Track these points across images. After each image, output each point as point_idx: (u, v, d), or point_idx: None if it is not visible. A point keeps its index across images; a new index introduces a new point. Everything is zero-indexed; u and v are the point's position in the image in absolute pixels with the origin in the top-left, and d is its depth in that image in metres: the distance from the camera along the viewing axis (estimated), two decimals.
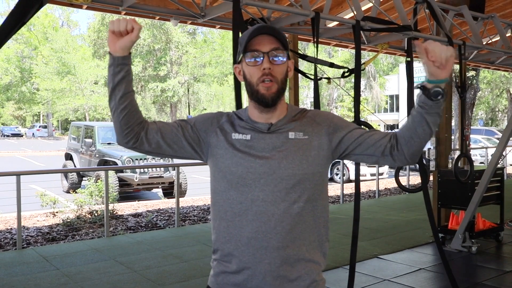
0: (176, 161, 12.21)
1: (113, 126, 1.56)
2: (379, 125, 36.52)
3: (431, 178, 6.65)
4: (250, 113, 1.53)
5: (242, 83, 1.55)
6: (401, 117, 36.59)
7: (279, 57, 1.46)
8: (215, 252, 1.66)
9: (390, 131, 1.57)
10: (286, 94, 1.78)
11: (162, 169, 10.81)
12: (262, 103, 1.46)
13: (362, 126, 1.70)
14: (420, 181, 4.48)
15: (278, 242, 1.44)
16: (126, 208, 8.70)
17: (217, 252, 1.64)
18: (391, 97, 43.50)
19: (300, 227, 1.46)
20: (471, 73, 14.11)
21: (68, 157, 13.03)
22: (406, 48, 4.60)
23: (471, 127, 24.63)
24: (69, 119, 38.69)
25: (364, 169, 13.20)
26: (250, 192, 1.46)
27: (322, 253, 1.54)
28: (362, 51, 4.92)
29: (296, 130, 1.50)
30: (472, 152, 15.26)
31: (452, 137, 6.28)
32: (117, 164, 10.63)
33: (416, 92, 1.47)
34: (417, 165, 4.41)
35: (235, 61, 1.62)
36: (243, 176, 1.47)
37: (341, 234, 5.92)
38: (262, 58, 1.44)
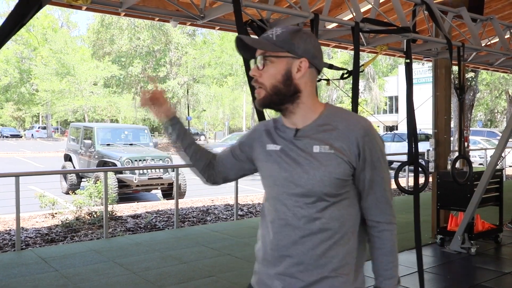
0: (175, 162, 12.21)
1: (112, 127, 1.63)
2: (378, 126, 36.55)
3: (430, 179, 6.66)
4: (282, 117, 1.52)
5: None
6: (400, 119, 36.60)
7: (261, 63, 1.42)
8: None
9: (378, 222, 1.46)
10: None
11: (161, 170, 10.81)
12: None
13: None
14: (420, 182, 4.48)
15: (298, 258, 1.41)
16: (125, 209, 8.69)
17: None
18: (390, 98, 43.54)
19: (323, 245, 1.41)
20: (470, 75, 14.13)
21: (67, 158, 13.02)
22: (405, 50, 4.61)
23: (472, 129, 24.68)
24: (68, 120, 38.70)
25: None
26: (276, 204, 1.48)
27: (352, 276, 1.47)
28: (361, 53, 4.93)
29: (321, 144, 1.40)
30: (471, 153, 15.27)
31: (452, 139, 6.28)
32: (116, 165, 10.62)
33: (416, 93, 1.48)
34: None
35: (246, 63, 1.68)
36: (271, 187, 1.50)
37: None
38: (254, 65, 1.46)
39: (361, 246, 1.49)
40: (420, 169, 4.40)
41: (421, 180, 4.64)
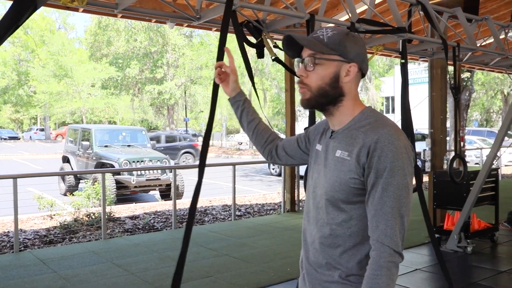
0: (173, 163, 12.22)
1: (110, 129, 1.64)
2: None
3: (426, 179, 6.69)
4: None
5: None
6: (396, 119, 36.62)
7: (310, 64, 1.41)
8: None
9: (372, 240, 1.33)
10: (283, 95, 1.83)
11: (159, 171, 10.82)
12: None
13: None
14: (414, 182, 4.50)
15: (313, 257, 1.48)
16: (123, 211, 8.70)
17: None
18: (387, 98, 43.57)
19: (333, 250, 1.42)
20: (465, 75, 14.18)
21: (65, 160, 13.02)
22: (401, 50, 4.64)
23: (472, 128, 24.73)
24: (66, 122, 38.65)
25: None
26: (307, 202, 1.56)
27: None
28: None
29: (343, 149, 1.40)
30: (467, 153, 15.32)
31: (448, 138, 6.31)
32: (114, 167, 10.62)
33: (412, 93, 1.50)
34: None
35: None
36: (308, 186, 1.57)
37: None
38: (299, 66, 1.47)
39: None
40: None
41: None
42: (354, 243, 1.38)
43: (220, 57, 1.87)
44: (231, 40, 6.94)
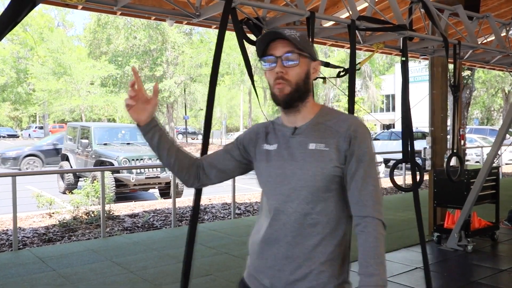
0: None
1: (109, 127, 1.62)
2: (375, 124, 36.62)
3: (427, 177, 6.67)
4: (282, 117, 1.60)
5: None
6: (397, 117, 36.66)
7: (292, 61, 1.48)
8: None
9: (362, 217, 1.46)
10: None
11: (158, 169, 10.79)
12: (277, 103, 1.52)
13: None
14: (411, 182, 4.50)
15: (288, 251, 1.48)
16: (122, 209, 8.69)
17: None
18: (387, 96, 43.57)
19: (313, 239, 1.47)
20: (466, 73, 14.16)
21: (64, 157, 13.00)
22: (401, 48, 4.62)
23: (473, 127, 24.72)
24: (66, 120, 38.59)
25: None
26: (270, 200, 1.54)
27: (338, 270, 1.51)
28: (358, 51, 4.93)
29: (317, 141, 1.49)
30: (468, 151, 15.30)
31: (448, 137, 6.30)
32: (113, 165, 10.60)
33: (412, 91, 1.51)
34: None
35: (216, 63, 1.69)
36: (266, 184, 1.56)
37: None
38: (275, 63, 1.48)
39: (347, 243, 1.54)
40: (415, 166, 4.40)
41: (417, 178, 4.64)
42: (331, 229, 1.48)
43: (217, 55, 1.83)
44: (231, 37, 6.92)
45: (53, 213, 7.72)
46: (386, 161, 16.59)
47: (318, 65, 1.56)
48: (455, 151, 5.31)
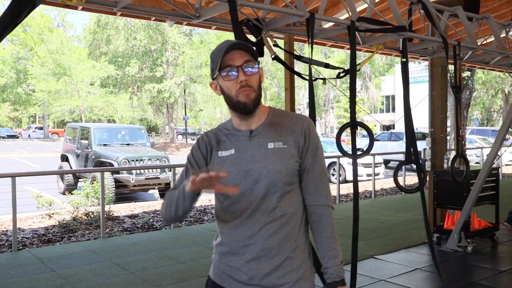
0: (172, 162, 12.20)
1: (109, 127, 1.62)
2: (375, 125, 36.61)
3: (427, 178, 6.66)
4: (234, 122, 1.67)
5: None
6: (397, 118, 36.66)
7: (252, 68, 1.58)
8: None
9: (317, 206, 1.66)
10: (283, 94, 1.82)
11: (158, 170, 10.80)
12: (244, 111, 1.59)
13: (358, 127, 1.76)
14: (416, 181, 4.49)
15: (264, 244, 1.58)
16: (122, 210, 8.69)
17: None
18: (387, 97, 43.59)
19: (283, 229, 1.60)
20: (466, 74, 14.16)
21: (64, 158, 12.99)
22: (401, 49, 4.62)
23: (474, 128, 24.72)
24: (65, 121, 38.58)
25: (361, 170, 13.21)
26: (238, 202, 1.60)
27: (305, 254, 1.67)
28: (358, 52, 4.92)
29: (275, 140, 1.61)
30: (467, 152, 15.30)
31: (448, 138, 6.30)
32: (113, 166, 10.60)
33: (412, 92, 1.52)
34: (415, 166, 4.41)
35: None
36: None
37: (339, 235, 5.93)
38: (237, 73, 1.56)
39: (307, 228, 1.70)
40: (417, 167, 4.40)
41: (415, 179, 4.64)
42: (297, 218, 1.63)
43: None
44: (230, 38, 6.90)
45: (52, 213, 7.71)
46: (386, 162, 16.59)
47: (262, 71, 1.65)
48: (459, 152, 5.30)
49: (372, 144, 3.92)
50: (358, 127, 3.82)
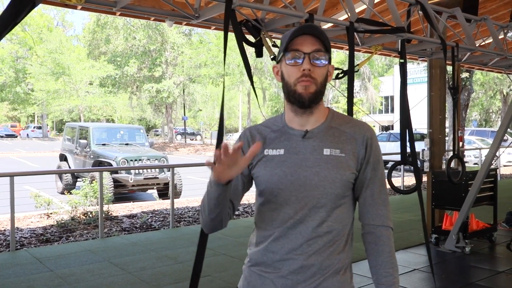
0: (171, 162, 12.20)
1: (107, 127, 1.57)
2: (374, 126, 36.62)
3: (425, 179, 6.69)
4: (286, 118, 1.49)
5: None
6: (395, 118, 36.69)
7: (321, 60, 1.41)
8: None
9: (376, 226, 1.48)
10: (282, 94, 1.78)
11: (157, 170, 10.80)
12: (298, 103, 1.41)
13: None
14: (413, 182, 4.50)
15: (304, 261, 1.40)
16: (120, 209, 8.68)
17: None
18: (386, 98, 43.62)
19: (328, 247, 1.41)
20: (464, 75, 14.18)
21: (63, 158, 12.98)
22: (399, 50, 4.63)
23: (474, 129, 24.74)
24: (64, 120, 38.55)
25: None
26: (282, 208, 1.42)
27: (347, 276, 1.49)
28: (356, 53, 4.94)
29: (332, 147, 1.43)
30: (466, 153, 15.33)
31: (446, 138, 6.30)
32: (111, 165, 10.60)
33: (411, 93, 1.48)
34: (412, 167, 4.42)
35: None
36: (274, 193, 1.43)
37: None
38: (302, 59, 1.39)
39: (351, 247, 1.52)
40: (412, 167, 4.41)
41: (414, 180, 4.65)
42: (344, 236, 1.45)
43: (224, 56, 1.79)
44: (230, 39, 6.91)
45: (51, 213, 7.71)
46: (385, 163, 16.61)
47: (332, 69, 1.49)
48: (455, 153, 5.31)
49: None
50: None
